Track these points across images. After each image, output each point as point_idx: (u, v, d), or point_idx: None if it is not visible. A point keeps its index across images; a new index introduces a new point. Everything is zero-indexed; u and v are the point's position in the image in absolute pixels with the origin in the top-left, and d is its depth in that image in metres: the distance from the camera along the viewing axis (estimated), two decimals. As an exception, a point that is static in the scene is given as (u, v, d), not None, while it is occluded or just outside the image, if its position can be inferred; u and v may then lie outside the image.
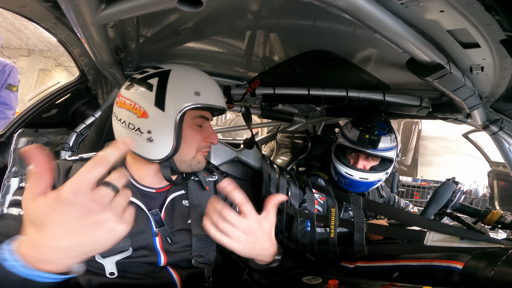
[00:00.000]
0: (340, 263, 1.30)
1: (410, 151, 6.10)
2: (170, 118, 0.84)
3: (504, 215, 1.20)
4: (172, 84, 0.86)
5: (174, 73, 0.87)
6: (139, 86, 0.87)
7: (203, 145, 0.93)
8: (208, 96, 0.88)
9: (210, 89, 0.90)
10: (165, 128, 0.84)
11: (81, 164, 0.89)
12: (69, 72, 3.67)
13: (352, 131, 1.49)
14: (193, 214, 0.94)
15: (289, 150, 2.12)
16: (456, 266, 0.94)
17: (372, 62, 1.17)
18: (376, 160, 1.51)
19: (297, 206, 1.39)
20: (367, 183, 1.50)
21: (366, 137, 1.42)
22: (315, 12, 0.85)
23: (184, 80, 0.87)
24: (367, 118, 1.51)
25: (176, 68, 0.89)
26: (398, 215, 1.10)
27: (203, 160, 0.94)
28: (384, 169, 1.50)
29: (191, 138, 0.90)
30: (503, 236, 1.78)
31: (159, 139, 0.85)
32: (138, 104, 0.85)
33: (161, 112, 0.84)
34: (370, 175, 1.48)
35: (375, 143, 1.42)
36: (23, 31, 5.93)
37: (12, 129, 1.30)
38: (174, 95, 0.85)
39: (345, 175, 1.50)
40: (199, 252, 0.92)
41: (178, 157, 0.89)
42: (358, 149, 1.46)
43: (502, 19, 0.61)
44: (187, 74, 0.89)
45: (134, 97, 0.86)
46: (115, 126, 0.90)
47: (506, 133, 1.31)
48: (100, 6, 0.70)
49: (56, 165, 0.87)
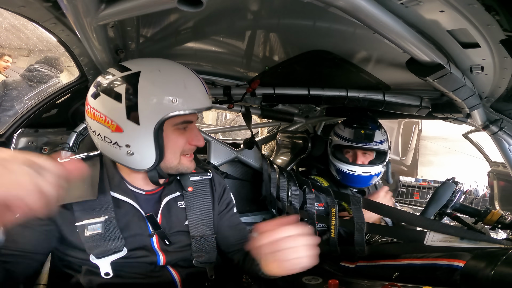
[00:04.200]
0: (340, 263, 1.30)
1: (410, 151, 6.10)
2: (147, 131, 0.78)
3: (504, 215, 1.20)
4: (143, 91, 0.76)
5: (144, 77, 0.77)
6: (106, 96, 0.78)
7: (187, 148, 0.87)
8: (187, 101, 0.79)
9: (190, 90, 0.81)
10: (144, 141, 0.79)
11: (87, 162, 0.88)
12: (69, 72, 3.67)
13: (346, 130, 1.54)
14: (191, 216, 0.94)
15: (289, 150, 2.12)
16: (459, 265, 0.93)
17: (372, 62, 1.18)
18: (372, 154, 1.56)
19: (298, 206, 1.39)
20: (369, 177, 1.54)
21: (362, 132, 1.49)
22: (315, 12, 0.84)
23: (157, 85, 0.78)
24: (356, 116, 1.57)
25: (146, 68, 0.79)
26: (398, 215, 1.10)
27: (190, 164, 0.89)
28: (381, 161, 1.55)
29: (175, 144, 0.84)
30: (503, 236, 1.78)
31: (140, 152, 0.81)
32: (109, 118, 0.78)
33: (136, 126, 0.78)
34: (371, 169, 1.53)
35: (371, 137, 1.48)
36: (23, 31, 5.93)
37: (12, 129, 1.30)
38: (147, 106, 0.76)
39: (348, 172, 1.53)
40: (199, 252, 0.92)
41: (163, 164, 0.85)
42: (356, 145, 1.50)
43: (502, 19, 0.61)
44: (160, 76, 0.79)
45: (103, 109, 0.79)
46: (93, 138, 0.86)
47: (506, 133, 1.31)
48: (100, 6, 0.70)
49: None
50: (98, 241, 0.81)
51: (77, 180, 0.82)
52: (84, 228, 0.81)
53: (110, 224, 0.82)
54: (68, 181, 0.53)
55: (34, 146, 1.27)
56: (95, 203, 0.82)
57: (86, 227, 0.81)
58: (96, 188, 0.83)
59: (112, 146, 0.81)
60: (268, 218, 1.87)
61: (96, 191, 0.83)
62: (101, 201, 0.83)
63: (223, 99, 1.48)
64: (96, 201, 0.82)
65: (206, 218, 0.96)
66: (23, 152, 0.50)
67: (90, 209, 0.82)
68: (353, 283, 1.01)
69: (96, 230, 0.81)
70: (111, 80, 0.80)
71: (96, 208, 0.82)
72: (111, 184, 0.88)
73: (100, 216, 0.82)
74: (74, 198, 0.81)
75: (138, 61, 0.85)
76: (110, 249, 0.81)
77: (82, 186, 0.83)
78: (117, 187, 0.88)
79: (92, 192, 0.82)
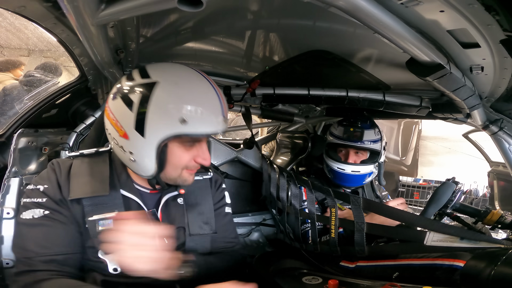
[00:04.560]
0: (340, 263, 1.30)
1: (410, 151, 6.09)
2: (151, 145, 0.77)
3: (504, 215, 1.20)
4: (154, 105, 0.75)
5: (159, 89, 0.75)
6: (121, 100, 0.79)
7: (191, 165, 0.85)
8: (198, 124, 0.76)
9: (204, 113, 0.77)
10: (146, 153, 0.79)
11: (82, 160, 0.89)
12: (69, 72, 3.66)
13: (338, 129, 1.56)
14: (190, 213, 0.95)
15: (289, 150, 2.12)
16: (459, 264, 0.93)
17: (372, 62, 1.18)
18: (365, 154, 1.56)
19: (298, 206, 1.39)
20: (359, 176, 1.54)
21: (350, 130, 1.50)
22: (315, 12, 0.84)
23: (170, 100, 0.75)
24: (350, 115, 1.58)
25: (164, 78, 0.77)
26: (398, 215, 1.10)
27: (189, 178, 0.88)
28: (373, 161, 1.55)
29: (178, 160, 0.83)
30: (503, 236, 1.78)
31: (141, 161, 0.81)
32: (120, 123, 0.79)
33: (141, 138, 0.77)
34: (361, 168, 1.53)
35: (360, 135, 1.49)
36: (23, 31, 5.92)
37: (12, 129, 1.30)
38: (155, 122, 0.75)
39: (338, 170, 1.54)
40: (192, 251, 0.92)
41: (163, 175, 0.85)
42: (346, 144, 1.51)
43: (502, 19, 0.61)
44: (176, 89, 0.76)
45: (116, 113, 0.81)
46: (108, 135, 0.88)
47: (506, 133, 1.31)
48: (100, 6, 0.70)
49: (57, 163, 0.88)
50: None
51: (87, 175, 0.82)
52: (94, 223, 0.81)
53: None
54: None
55: (34, 146, 1.27)
56: (106, 198, 0.83)
57: (97, 222, 0.81)
58: (107, 184, 0.84)
59: (119, 148, 0.83)
60: (268, 218, 1.87)
61: (107, 186, 0.84)
62: (112, 196, 0.84)
63: (223, 99, 1.48)
64: (107, 196, 0.83)
65: (208, 216, 0.97)
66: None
67: (101, 204, 0.83)
68: (353, 283, 1.01)
69: (108, 225, 0.81)
70: (129, 85, 0.80)
71: (107, 204, 0.83)
72: (120, 180, 0.89)
73: (112, 211, 0.82)
74: (86, 193, 0.82)
75: (161, 67, 0.83)
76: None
77: (92, 182, 0.84)
78: (125, 184, 0.89)
79: (103, 188, 0.83)
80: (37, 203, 0.80)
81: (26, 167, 1.23)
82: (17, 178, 1.13)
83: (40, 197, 0.81)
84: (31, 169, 1.24)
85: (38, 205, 0.80)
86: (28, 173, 1.21)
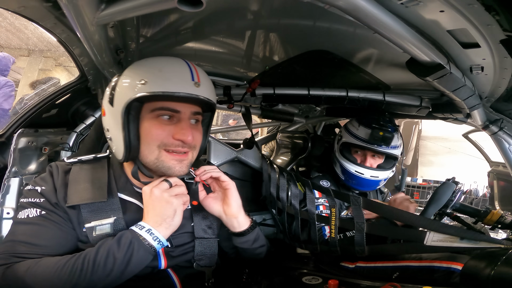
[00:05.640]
0: (340, 263, 1.30)
1: (410, 151, 6.11)
2: (117, 113, 0.77)
3: (504, 215, 1.20)
4: (124, 76, 0.80)
5: (134, 64, 0.81)
6: (107, 88, 0.85)
7: (169, 142, 0.80)
8: (158, 83, 0.74)
9: (165, 74, 0.75)
10: (116, 124, 0.79)
11: (80, 166, 0.89)
12: (69, 72, 3.66)
13: (361, 129, 1.44)
14: (196, 217, 0.94)
15: (289, 150, 2.12)
16: (456, 267, 0.93)
17: (372, 62, 1.17)
18: (382, 158, 1.48)
19: (298, 206, 1.39)
20: (376, 181, 1.47)
21: (380, 134, 1.37)
22: (315, 12, 0.85)
23: (137, 70, 0.79)
24: (373, 116, 1.46)
25: (145, 59, 0.81)
26: (398, 215, 1.10)
27: (172, 164, 0.81)
28: (391, 166, 1.49)
29: (150, 135, 0.79)
30: (503, 236, 1.78)
31: (114, 137, 0.82)
32: (103, 106, 0.85)
33: (111, 108, 0.80)
34: (380, 173, 1.45)
35: (389, 140, 1.38)
36: (23, 31, 5.92)
37: (12, 129, 1.30)
38: (120, 89, 0.79)
39: (355, 174, 1.46)
40: (201, 255, 0.92)
41: (142, 158, 0.82)
42: (368, 147, 1.42)
43: (502, 19, 0.61)
44: (142, 62, 0.81)
45: (104, 100, 0.85)
46: (105, 132, 0.91)
47: (506, 133, 1.31)
48: (100, 6, 0.70)
49: (56, 167, 0.87)
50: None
51: (85, 182, 0.83)
52: (92, 229, 0.81)
53: (119, 225, 0.82)
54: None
55: (34, 146, 1.27)
56: (103, 204, 0.83)
57: (94, 228, 0.81)
58: (105, 190, 0.84)
59: (106, 133, 0.86)
60: (268, 218, 1.87)
61: (105, 193, 0.83)
62: (109, 202, 0.84)
63: (223, 99, 1.48)
64: (105, 202, 0.83)
65: (211, 220, 0.96)
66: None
67: (98, 210, 0.82)
68: (353, 283, 1.01)
69: (105, 230, 0.81)
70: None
71: (104, 210, 0.83)
72: (118, 185, 0.88)
73: (109, 217, 0.82)
74: (84, 199, 0.82)
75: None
76: None
77: (90, 188, 0.84)
78: (123, 188, 0.88)
79: (101, 194, 0.83)
80: (34, 203, 0.80)
81: (26, 167, 1.23)
82: (17, 178, 1.14)
83: (37, 198, 0.81)
84: (31, 169, 1.24)
85: (35, 205, 0.80)
86: (28, 173, 1.21)
